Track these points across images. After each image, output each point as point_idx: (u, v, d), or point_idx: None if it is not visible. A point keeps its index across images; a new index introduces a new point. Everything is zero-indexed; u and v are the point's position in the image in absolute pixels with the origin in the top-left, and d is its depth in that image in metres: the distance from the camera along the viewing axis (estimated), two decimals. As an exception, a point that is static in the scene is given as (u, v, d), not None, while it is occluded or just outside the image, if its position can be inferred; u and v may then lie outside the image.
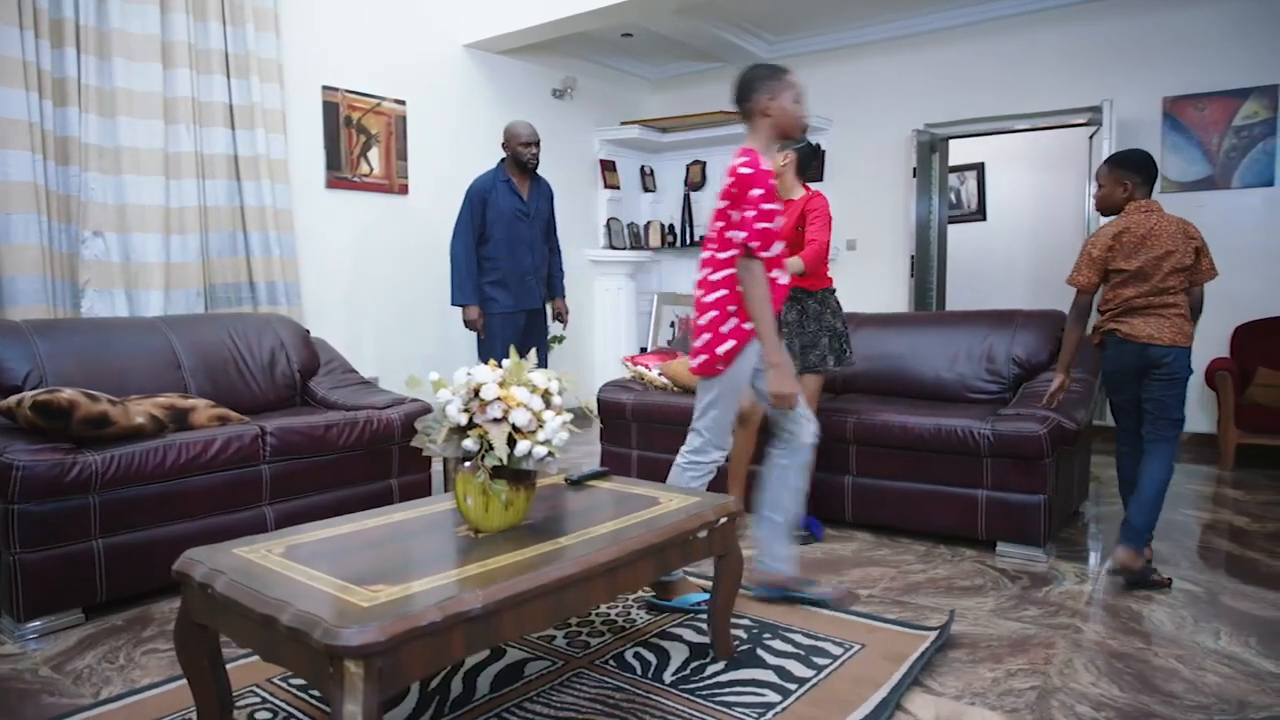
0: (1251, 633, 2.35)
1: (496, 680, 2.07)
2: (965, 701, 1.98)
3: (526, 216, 4.16)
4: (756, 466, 2.95)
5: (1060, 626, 2.41)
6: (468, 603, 1.50)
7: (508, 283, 4.11)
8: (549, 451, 1.81)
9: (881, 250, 5.84)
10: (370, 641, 1.35)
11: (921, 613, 2.50)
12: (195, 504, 2.69)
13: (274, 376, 3.47)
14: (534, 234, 4.20)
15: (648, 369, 3.98)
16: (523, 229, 4.15)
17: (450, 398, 1.82)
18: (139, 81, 3.72)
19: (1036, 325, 3.54)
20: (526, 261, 4.17)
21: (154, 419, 2.67)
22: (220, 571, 1.62)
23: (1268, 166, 4.63)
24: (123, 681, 2.11)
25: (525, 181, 4.19)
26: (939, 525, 3.15)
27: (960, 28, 5.49)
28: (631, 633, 2.36)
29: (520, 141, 4.12)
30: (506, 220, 4.11)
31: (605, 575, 1.78)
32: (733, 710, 1.91)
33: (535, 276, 4.22)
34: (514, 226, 4.13)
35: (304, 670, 1.45)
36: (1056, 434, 2.93)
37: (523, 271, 4.15)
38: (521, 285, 4.16)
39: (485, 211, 4.07)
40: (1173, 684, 2.06)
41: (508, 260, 4.11)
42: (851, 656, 2.18)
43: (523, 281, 4.16)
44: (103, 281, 3.66)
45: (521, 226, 4.15)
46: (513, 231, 4.12)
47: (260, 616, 1.48)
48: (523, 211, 4.15)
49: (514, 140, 4.12)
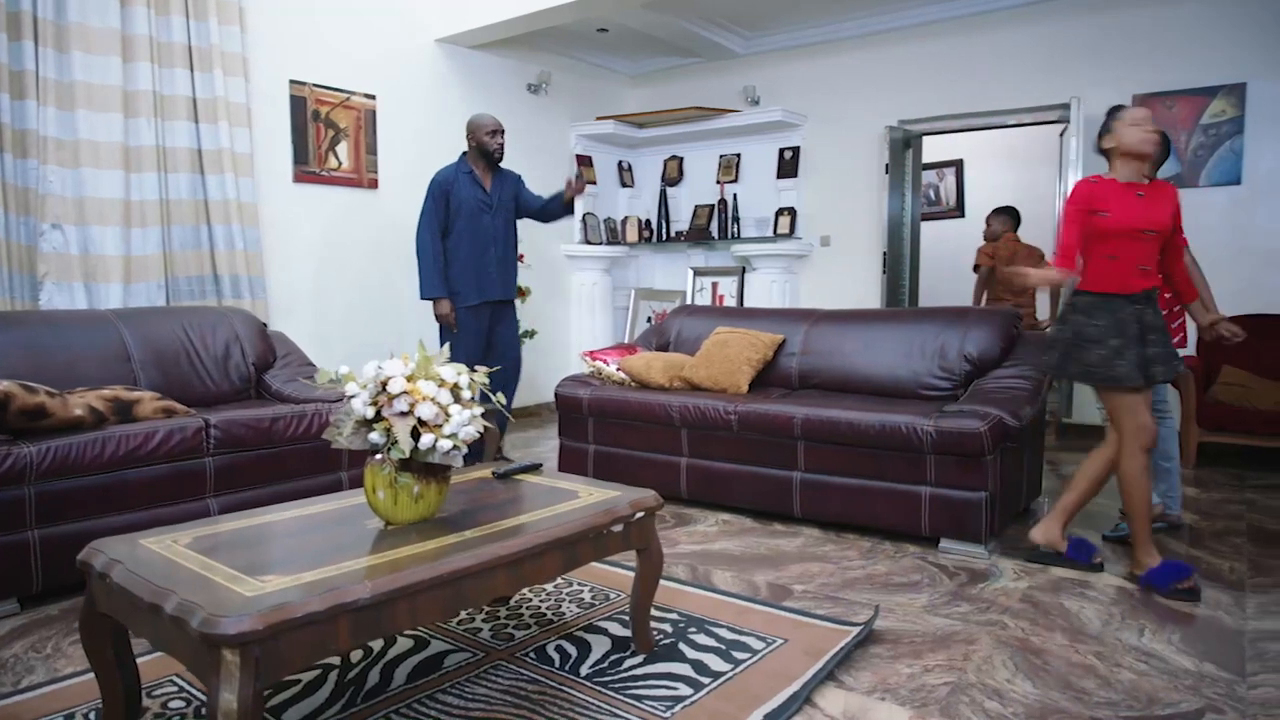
0: (1176, 630, 2.36)
1: (415, 671, 2.09)
2: (876, 697, 1.99)
3: (490, 208, 4.18)
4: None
5: (988, 623, 2.42)
6: (354, 593, 1.51)
7: (471, 275, 4.13)
8: (454, 445, 1.83)
9: (855, 246, 5.84)
10: (247, 630, 1.36)
11: (852, 609, 2.52)
12: (136, 496, 2.71)
13: (227, 370, 3.48)
14: (497, 225, 4.22)
15: (606, 364, 4.00)
16: (485, 220, 4.17)
17: (358, 391, 1.83)
18: (98, 75, 3.73)
19: (988, 323, 3.54)
20: (490, 253, 4.19)
21: (94, 411, 2.69)
22: (118, 561, 1.64)
23: (1235, 165, 4.62)
24: (46, 670, 2.13)
25: (488, 173, 4.21)
26: (884, 521, 3.16)
27: (933, 24, 5.49)
28: (558, 626, 2.37)
29: (485, 131, 4.13)
30: (469, 212, 4.13)
31: (508, 568, 1.79)
32: (642, 703, 1.93)
33: (499, 268, 4.23)
34: (477, 219, 4.15)
35: (188, 659, 1.47)
36: (998, 431, 2.93)
37: (486, 263, 4.17)
38: (485, 277, 4.18)
39: (448, 203, 4.09)
40: (1086, 680, 2.07)
41: (470, 252, 4.13)
42: (772, 651, 2.19)
43: (486, 273, 4.17)
44: (61, 274, 3.68)
45: (485, 218, 4.17)
46: (475, 224, 4.14)
47: (148, 605, 1.50)
48: (485, 203, 4.17)
49: (479, 131, 4.14)
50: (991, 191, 6.75)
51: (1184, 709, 1.93)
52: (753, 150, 6.23)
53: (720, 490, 3.53)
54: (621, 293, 6.62)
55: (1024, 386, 3.27)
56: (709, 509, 3.64)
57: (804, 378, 3.85)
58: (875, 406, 3.24)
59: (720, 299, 6.22)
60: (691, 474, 3.60)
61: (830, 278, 5.94)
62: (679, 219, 6.56)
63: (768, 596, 2.61)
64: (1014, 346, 3.54)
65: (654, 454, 3.70)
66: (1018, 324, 3.63)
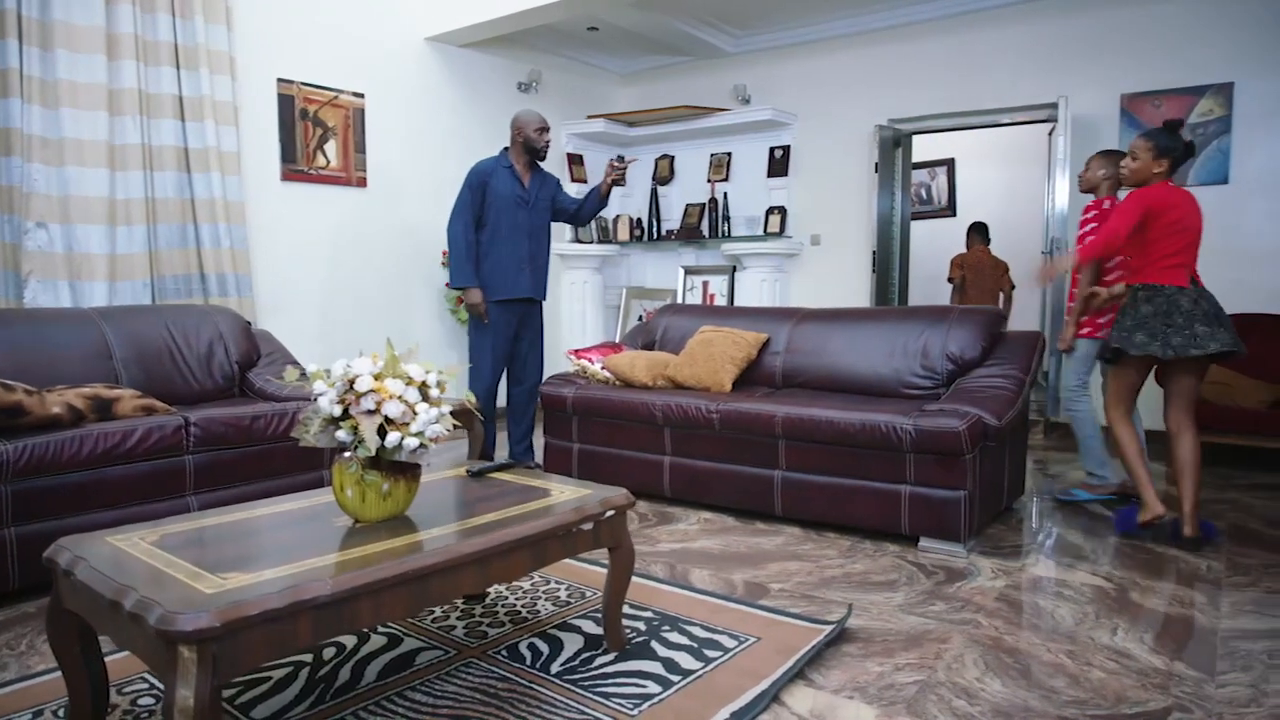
0: (1149, 629, 2.37)
1: (386, 668, 2.10)
2: (844, 695, 1.99)
3: (526, 204, 4.17)
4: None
5: (962, 622, 2.42)
6: (314, 590, 1.51)
7: (502, 270, 4.13)
8: (421, 443, 1.83)
9: (846, 245, 5.84)
10: (204, 627, 1.37)
11: (827, 607, 2.52)
12: (115, 494, 2.72)
13: (211, 368, 3.49)
14: (532, 222, 4.21)
15: (590, 362, 4.00)
16: (521, 216, 4.16)
17: (325, 390, 1.84)
18: (83, 73, 3.74)
19: (971, 322, 3.55)
20: (523, 249, 4.17)
21: (72, 409, 2.69)
22: (82, 558, 1.64)
23: (1222, 164, 4.62)
24: (19, 667, 2.14)
25: (528, 171, 4.21)
26: (865, 520, 3.17)
27: (923, 23, 5.49)
28: (532, 623, 2.38)
29: (534, 128, 4.13)
30: (505, 206, 4.12)
31: (475, 565, 1.79)
32: (610, 701, 1.93)
33: (531, 265, 4.21)
34: (513, 213, 4.14)
35: (147, 655, 1.47)
36: (977, 430, 2.94)
37: (518, 259, 4.15)
38: (518, 273, 4.16)
39: (485, 195, 4.09)
40: (1056, 679, 2.07)
41: (504, 247, 4.12)
42: (744, 650, 2.20)
43: (517, 269, 4.16)
44: (46, 272, 3.69)
45: (520, 214, 4.16)
46: (511, 218, 4.13)
47: (108, 602, 1.50)
48: (523, 199, 4.16)
49: (527, 127, 4.12)
50: (983, 191, 6.75)
51: (1151, 708, 1.93)
52: (743, 149, 6.23)
53: (703, 489, 3.54)
54: (613, 291, 6.63)
55: (1006, 386, 3.27)
56: (692, 507, 3.64)
57: (788, 376, 3.85)
58: (856, 405, 3.25)
59: (711, 298, 6.22)
60: (674, 472, 3.61)
61: (820, 277, 5.94)
62: (670, 218, 6.56)
63: (744, 595, 2.62)
64: (996, 346, 3.54)
65: (638, 453, 3.71)
66: (1000, 324, 3.64)
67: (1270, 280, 4.53)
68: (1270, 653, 2.21)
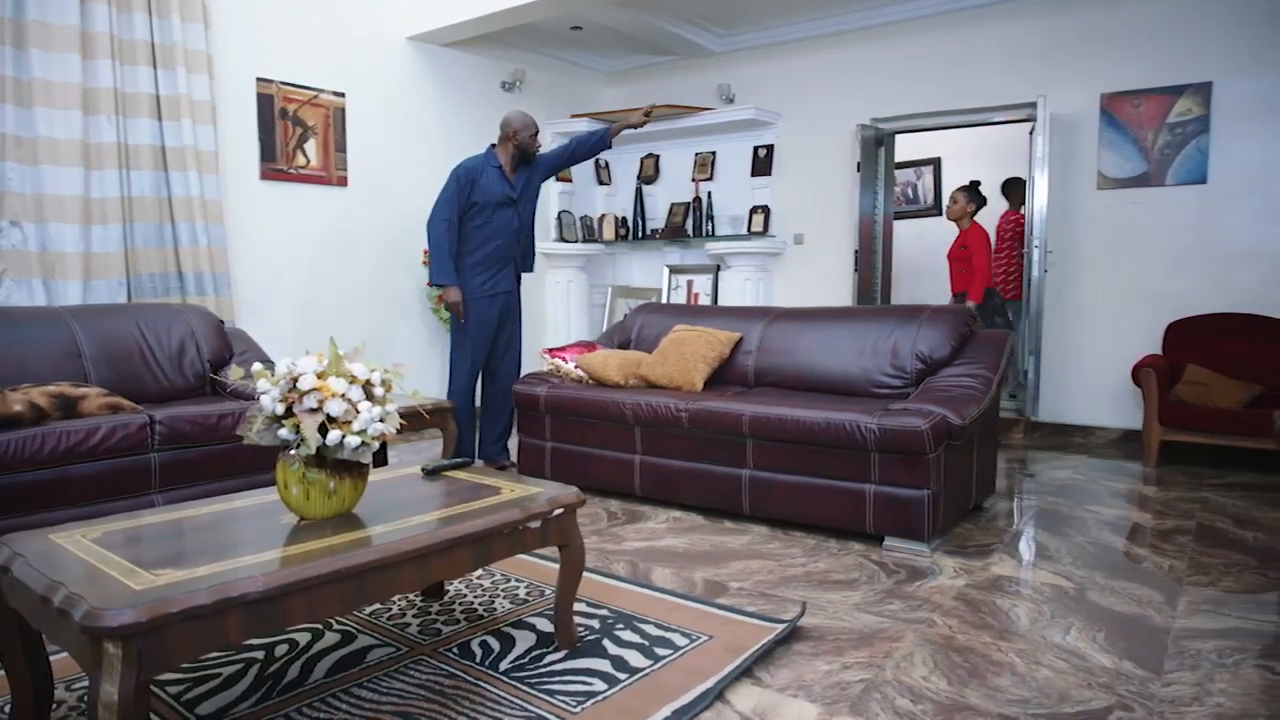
0: (1102, 628, 2.37)
1: (336, 665, 2.11)
2: (789, 694, 2.00)
3: (512, 203, 4.20)
4: None
5: (917, 621, 2.43)
6: (243, 587, 1.52)
7: (486, 267, 4.16)
8: (363, 441, 1.84)
9: (828, 244, 5.84)
10: (129, 623, 1.38)
11: (784, 606, 2.53)
12: (78, 492, 2.73)
13: (182, 366, 3.50)
14: (516, 222, 4.24)
15: (564, 361, 4.01)
16: (506, 215, 4.19)
17: (268, 388, 1.85)
18: (57, 72, 3.75)
19: (941, 321, 3.55)
20: (506, 248, 4.21)
21: (35, 407, 2.70)
22: (20, 555, 1.65)
23: (1200, 164, 4.62)
24: (-29, 664, 2.15)
25: (514, 169, 4.23)
26: (831, 520, 3.17)
27: (905, 22, 5.49)
28: (487, 621, 2.39)
29: (530, 134, 4.16)
30: (491, 205, 4.14)
31: (415, 562, 1.80)
32: (554, 699, 1.94)
33: (515, 265, 4.28)
34: (498, 212, 4.16)
35: (76, 652, 1.48)
36: (940, 429, 2.94)
37: (501, 257, 4.20)
38: (501, 270, 4.20)
39: (471, 193, 4.11)
40: (1002, 678, 2.08)
41: (489, 245, 4.15)
42: (695, 648, 2.20)
43: (500, 266, 4.20)
44: (20, 271, 3.71)
45: (505, 213, 4.19)
46: (496, 217, 4.16)
47: (39, 598, 1.51)
48: (510, 198, 4.18)
49: (523, 131, 4.15)
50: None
51: (1093, 706, 1.94)
52: (727, 148, 6.23)
53: (672, 488, 3.54)
54: (598, 290, 6.63)
55: (973, 385, 3.28)
56: (661, 506, 3.65)
57: (760, 376, 3.86)
58: (822, 404, 3.25)
59: (695, 297, 6.23)
60: (645, 471, 3.62)
61: (803, 276, 5.94)
62: (655, 217, 6.57)
63: (702, 593, 2.63)
64: (966, 345, 3.54)
65: (609, 451, 3.71)
66: (971, 322, 3.64)
67: (1247, 280, 4.53)
68: (1219, 652, 2.21)
